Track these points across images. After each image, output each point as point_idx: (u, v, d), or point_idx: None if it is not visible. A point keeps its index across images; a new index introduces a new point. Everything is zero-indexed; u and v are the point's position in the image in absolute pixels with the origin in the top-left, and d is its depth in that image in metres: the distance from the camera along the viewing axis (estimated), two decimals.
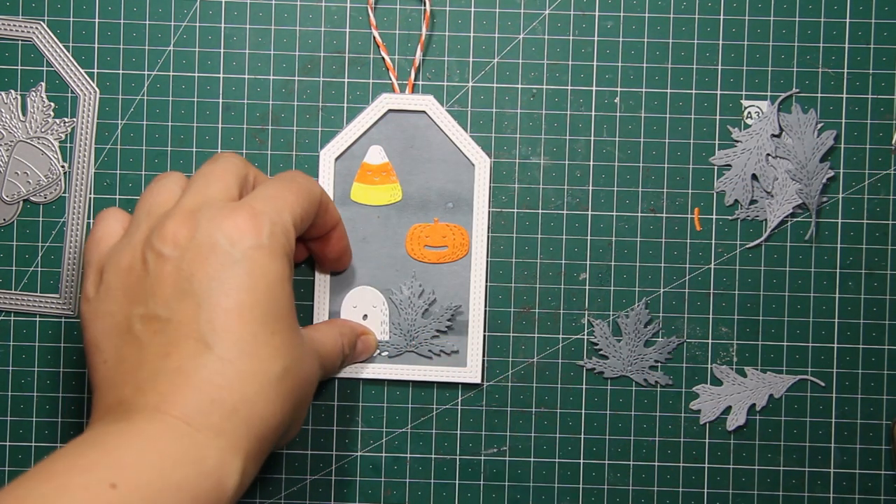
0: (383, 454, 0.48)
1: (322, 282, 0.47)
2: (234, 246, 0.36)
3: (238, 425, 0.34)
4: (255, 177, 0.41)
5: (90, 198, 0.47)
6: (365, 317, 0.47)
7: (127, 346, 0.36)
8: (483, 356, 0.47)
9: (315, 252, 0.45)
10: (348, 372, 0.47)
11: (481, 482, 0.48)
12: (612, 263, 0.48)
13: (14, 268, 0.47)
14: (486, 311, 0.48)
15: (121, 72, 0.47)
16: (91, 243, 0.39)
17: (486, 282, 0.47)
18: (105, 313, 0.37)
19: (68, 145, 0.47)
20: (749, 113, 0.48)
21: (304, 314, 0.47)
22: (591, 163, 0.48)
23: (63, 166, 0.47)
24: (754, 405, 0.48)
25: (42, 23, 0.47)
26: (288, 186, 0.39)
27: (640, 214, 0.48)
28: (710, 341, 0.48)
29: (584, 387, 0.48)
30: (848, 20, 0.47)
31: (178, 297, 0.35)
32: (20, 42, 0.47)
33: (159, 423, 0.33)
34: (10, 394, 0.47)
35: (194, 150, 0.47)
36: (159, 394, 0.34)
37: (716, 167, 0.48)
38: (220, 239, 0.36)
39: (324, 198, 0.41)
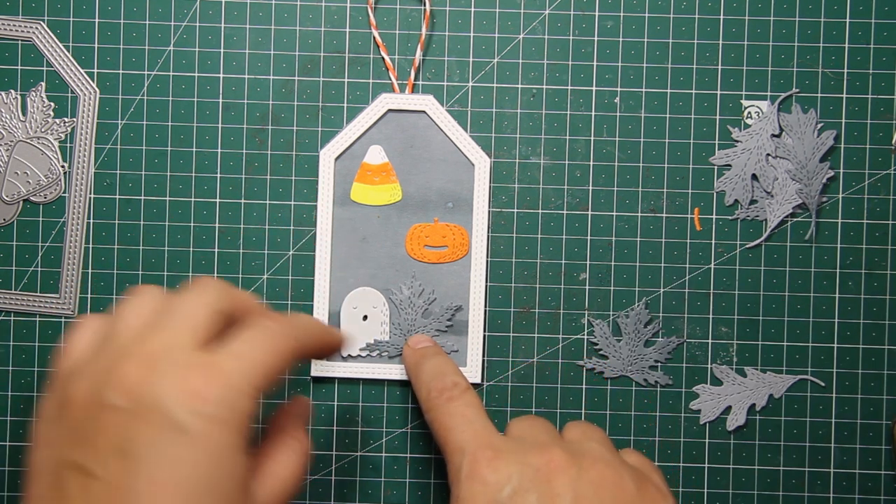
0: (383, 454, 0.48)
1: (322, 282, 0.47)
2: (182, 411, 0.33)
3: None
4: (243, 306, 0.38)
5: (90, 198, 0.47)
6: (365, 317, 0.47)
7: (54, 492, 0.33)
8: (483, 356, 0.47)
9: None
10: (348, 372, 0.47)
11: None
12: (612, 263, 0.48)
13: (14, 268, 0.47)
14: (486, 311, 0.48)
15: (121, 72, 0.47)
16: (63, 355, 0.37)
17: (486, 282, 0.47)
18: (47, 443, 0.34)
19: (68, 145, 0.47)
20: (749, 113, 0.48)
21: (305, 313, 0.47)
22: (591, 163, 0.48)
23: (63, 166, 0.47)
24: (754, 405, 0.48)
25: (42, 23, 0.47)
26: (268, 341, 0.36)
27: (640, 214, 0.48)
28: (710, 341, 0.48)
29: (584, 387, 0.48)
30: (848, 20, 0.47)
31: (115, 455, 0.33)
32: (20, 42, 0.47)
33: None
34: (10, 394, 0.47)
35: (194, 150, 0.47)
36: None
37: (716, 167, 0.48)
38: (170, 400, 0.33)
39: (318, 343, 0.39)
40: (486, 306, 0.48)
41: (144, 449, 0.32)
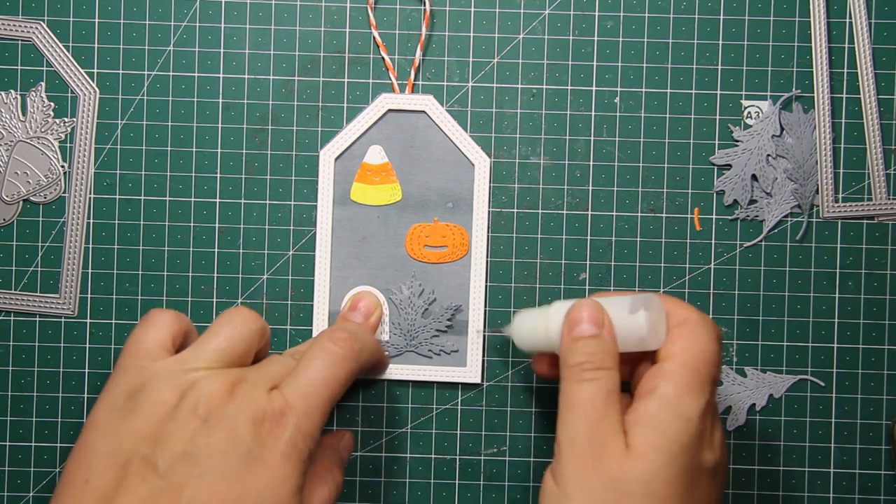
0: (383, 454, 0.48)
1: (322, 282, 0.47)
2: (253, 439, 0.35)
3: None
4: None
5: (90, 198, 0.47)
6: None
7: (113, 480, 0.34)
8: (483, 356, 0.47)
9: None
10: None
11: (481, 482, 0.48)
12: (612, 263, 0.48)
13: (14, 268, 0.47)
14: (486, 311, 0.48)
15: (121, 72, 0.47)
16: (134, 348, 0.38)
17: (486, 282, 0.47)
18: (117, 432, 0.35)
19: (68, 145, 0.47)
20: (749, 113, 0.48)
21: (305, 314, 0.47)
22: (591, 163, 0.48)
23: (63, 166, 0.47)
24: (754, 405, 0.48)
25: (42, 23, 0.47)
26: (333, 372, 0.38)
27: (640, 214, 0.48)
28: None
29: None
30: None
31: (183, 459, 0.34)
32: (20, 42, 0.47)
33: None
34: (10, 394, 0.47)
35: (194, 150, 0.47)
36: None
37: (715, 167, 0.48)
38: (247, 424, 0.35)
39: (373, 361, 0.42)
40: (486, 306, 0.48)
41: (213, 460, 0.34)
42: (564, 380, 0.39)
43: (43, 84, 0.47)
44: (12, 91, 0.47)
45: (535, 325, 0.42)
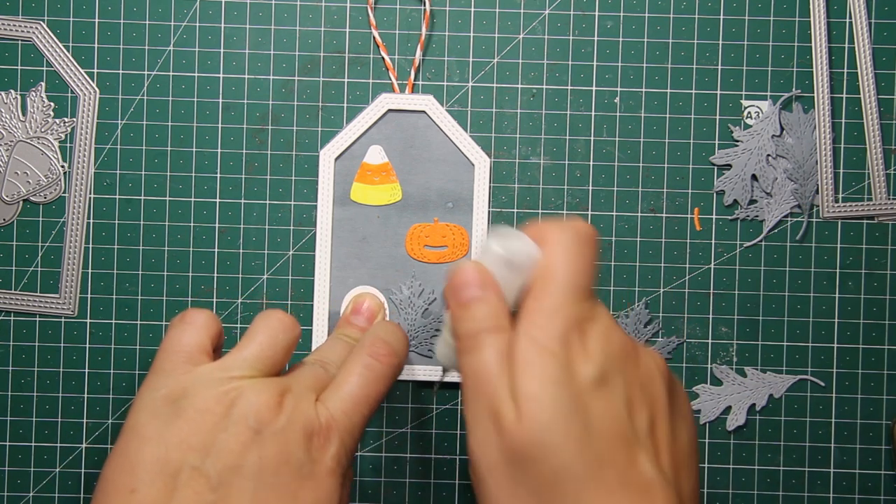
0: (383, 454, 0.48)
1: (322, 282, 0.47)
2: (307, 454, 0.35)
3: None
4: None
5: (90, 198, 0.47)
6: None
7: (162, 491, 0.33)
8: None
9: None
10: None
11: None
12: (612, 263, 0.48)
13: (14, 268, 0.47)
14: None
15: (121, 72, 0.47)
16: (173, 349, 0.37)
17: None
18: (161, 440, 0.34)
19: (68, 145, 0.47)
20: (749, 113, 0.48)
21: (305, 314, 0.47)
22: (591, 163, 0.48)
23: (63, 166, 0.47)
24: (754, 405, 0.48)
25: (42, 23, 0.47)
26: (373, 390, 0.38)
27: (640, 214, 0.48)
28: (710, 341, 0.48)
29: None
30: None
31: (236, 472, 0.34)
32: (20, 42, 0.47)
33: None
34: (10, 394, 0.47)
35: (194, 150, 0.47)
36: None
37: (715, 167, 0.48)
38: (299, 439, 0.35)
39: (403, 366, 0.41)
40: None
41: (266, 475, 0.34)
42: (458, 354, 0.36)
43: (43, 84, 0.47)
44: (12, 91, 0.47)
45: (449, 344, 0.38)
